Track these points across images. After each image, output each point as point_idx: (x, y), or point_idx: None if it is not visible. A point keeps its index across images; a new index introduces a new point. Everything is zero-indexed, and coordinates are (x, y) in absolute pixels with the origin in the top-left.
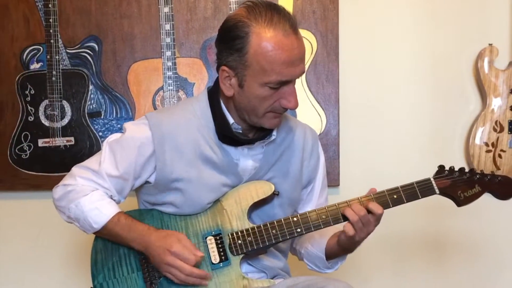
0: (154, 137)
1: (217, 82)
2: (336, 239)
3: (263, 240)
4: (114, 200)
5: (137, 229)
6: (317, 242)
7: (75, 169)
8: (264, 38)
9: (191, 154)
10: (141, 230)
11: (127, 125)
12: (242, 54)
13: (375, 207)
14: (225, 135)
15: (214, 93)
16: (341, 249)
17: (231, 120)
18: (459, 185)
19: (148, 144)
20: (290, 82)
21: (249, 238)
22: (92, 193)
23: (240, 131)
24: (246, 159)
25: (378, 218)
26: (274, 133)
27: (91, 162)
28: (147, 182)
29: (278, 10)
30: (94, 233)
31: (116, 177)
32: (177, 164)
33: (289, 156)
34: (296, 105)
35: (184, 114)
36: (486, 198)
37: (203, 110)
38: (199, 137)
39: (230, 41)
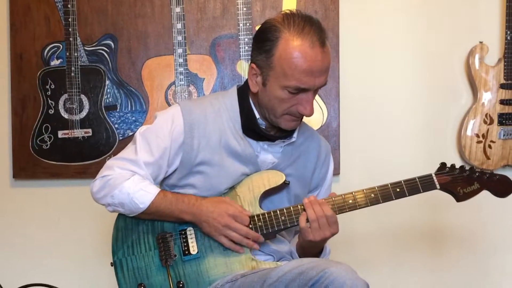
0: (185, 123)
1: (247, 80)
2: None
3: (272, 226)
4: None
5: (185, 199)
6: (294, 240)
7: (111, 162)
8: (291, 45)
9: (216, 142)
10: (189, 200)
11: (160, 113)
12: (269, 56)
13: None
14: (250, 128)
15: (243, 89)
16: (302, 248)
17: (257, 115)
18: (459, 181)
19: (180, 131)
20: (309, 90)
21: (259, 223)
22: (133, 177)
23: (264, 127)
24: (266, 153)
25: (332, 222)
26: (295, 135)
27: (126, 153)
28: None
29: (312, 23)
30: (138, 215)
31: (152, 164)
32: (202, 150)
33: (305, 160)
34: (311, 113)
35: (214, 105)
36: (483, 195)
37: (232, 104)
38: (226, 127)
39: (261, 42)
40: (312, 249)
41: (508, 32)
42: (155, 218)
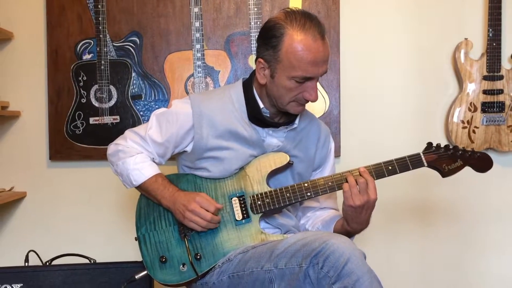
0: (194, 114)
1: (252, 73)
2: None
3: (278, 202)
4: (155, 162)
5: (170, 189)
6: (327, 223)
7: (127, 133)
8: (296, 40)
9: (225, 131)
10: (172, 189)
11: (174, 102)
12: (276, 51)
13: (367, 176)
14: (255, 117)
15: (248, 83)
16: (346, 224)
17: (261, 105)
18: (444, 159)
19: (189, 120)
20: (313, 78)
21: (267, 200)
22: (137, 155)
23: (268, 115)
24: (271, 137)
25: (371, 187)
26: (296, 121)
27: (140, 128)
28: (184, 151)
29: (311, 18)
30: (134, 187)
31: (159, 144)
32: (212, 138)
33: (306, 142)
34: (316, 98)
35: (222, 98)
36: (466, 172)
37: (238, 96)
38: (232, 117)
39: (267, 39)
40: (356, 224)
41: (490, 29)
42: (143, 194)
